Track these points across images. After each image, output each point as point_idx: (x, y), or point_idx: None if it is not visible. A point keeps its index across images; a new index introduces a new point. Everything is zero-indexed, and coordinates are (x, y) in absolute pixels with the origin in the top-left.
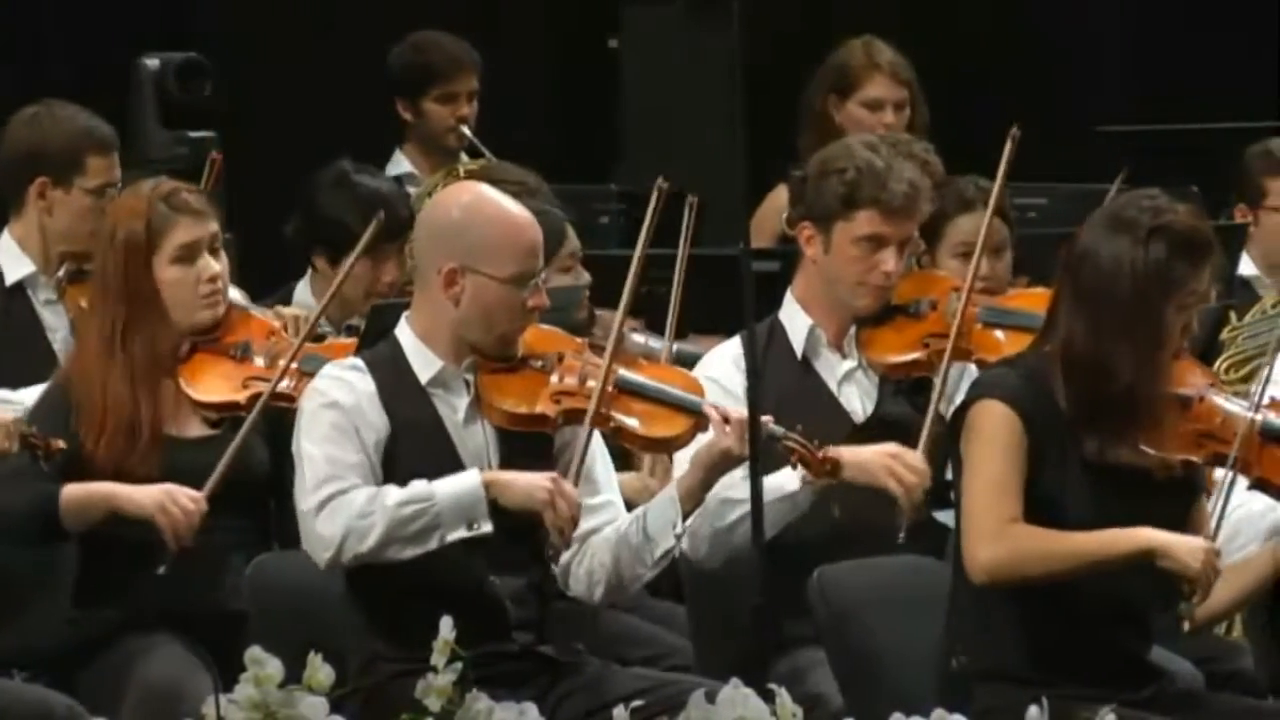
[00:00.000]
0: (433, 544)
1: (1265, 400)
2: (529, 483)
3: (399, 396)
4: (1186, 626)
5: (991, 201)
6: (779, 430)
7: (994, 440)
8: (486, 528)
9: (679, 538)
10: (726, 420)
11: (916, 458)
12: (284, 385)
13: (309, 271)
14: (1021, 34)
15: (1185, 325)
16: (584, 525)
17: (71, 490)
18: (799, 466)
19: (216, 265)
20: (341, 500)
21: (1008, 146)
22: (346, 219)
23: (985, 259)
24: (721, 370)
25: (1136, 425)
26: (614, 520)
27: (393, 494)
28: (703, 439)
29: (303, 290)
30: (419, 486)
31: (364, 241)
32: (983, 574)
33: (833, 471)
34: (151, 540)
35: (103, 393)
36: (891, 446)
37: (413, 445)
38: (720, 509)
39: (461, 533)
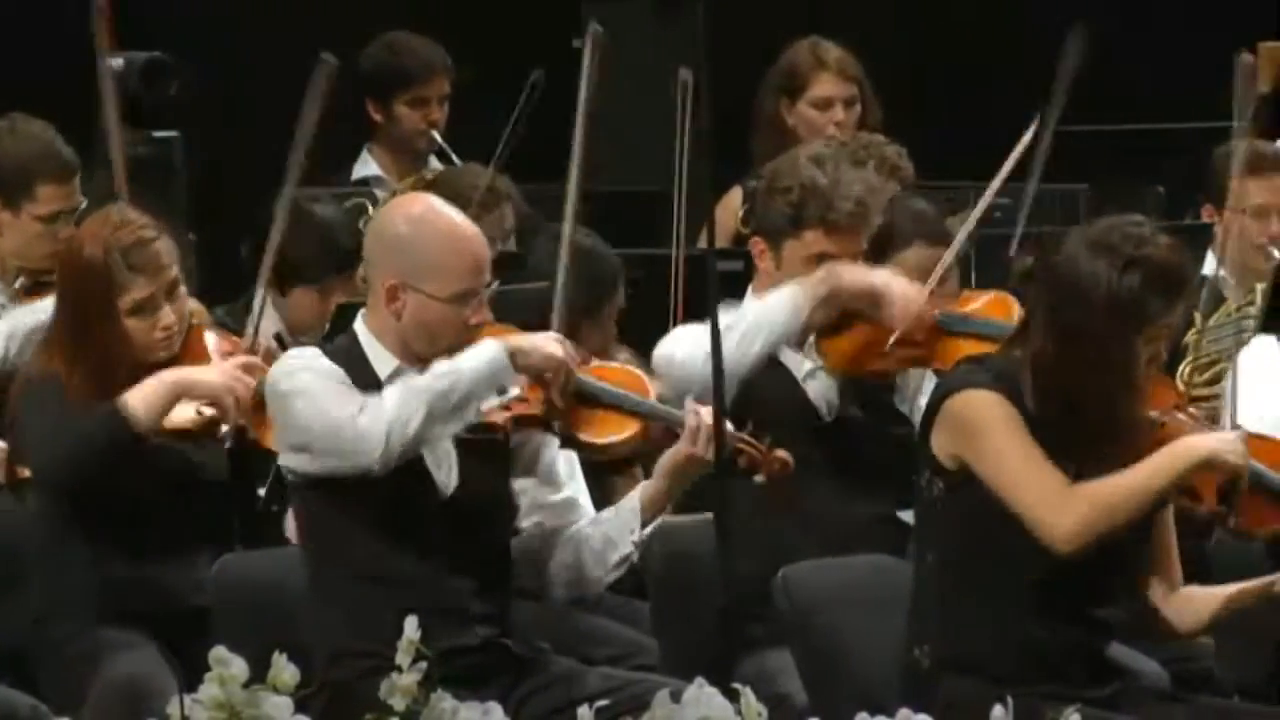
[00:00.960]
0: (470, 415)
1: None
2: (542, 341)
3: (359, 385)
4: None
5: (979, 209)
6: (729, 428)
7: (1002, 424)
8: (515, 390)
9: (637, 545)
10: (695, 428)
11: (906, 281)
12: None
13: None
14: (988, 32)
15: (1153, 356)
16: (547, 523)
17: (132, 392)
18: (748, 468)
19: (172, 315)
20: (374, 400)
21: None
22: (293, 250)
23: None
24: (689, 352)
25: (1102, 449)
26: (578, 519)
27: (420, 378)
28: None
29: (269, 308)
30: (443, 364)
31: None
32: (1070, 542)
33: (783, 469)
34: (121, 536)
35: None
36: (885, 272)
37: None
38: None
39: (493, 400)
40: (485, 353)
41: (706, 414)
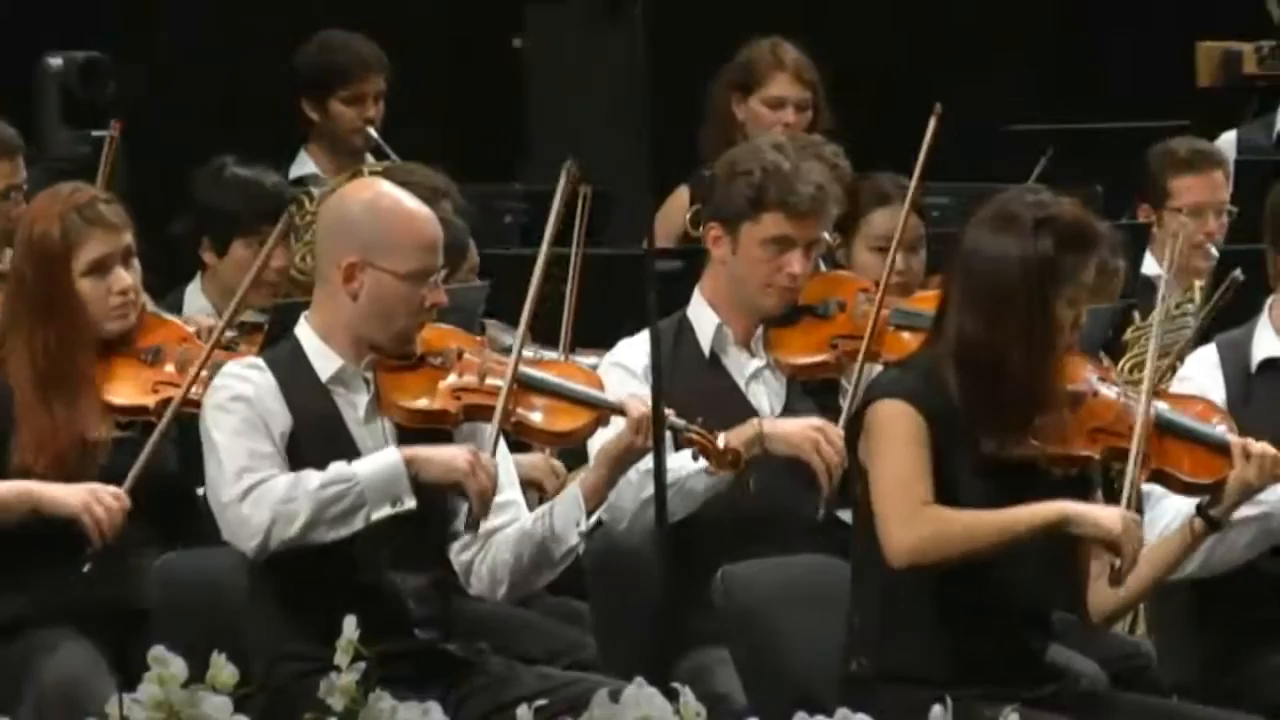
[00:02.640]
0: (358, 523)
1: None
2: (448, 455)
3: (300, 394)
4: (1122, 592)
5: (909, 197)
6: (680, 422)
7: (896, 435)
8: (410, 503)
9: (583, 535)
10: (636, 418)
11: (839, 434)
12: (195, 392)
13: (198, 273)
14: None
15: (1075, 319)
16: (487, 524)
17: None
18: (700, 458)
19: (129, 278)
20: (264, 488)
21: (930, 128)
22: (228, 206)
23: (901, 254)
24: (632, 359)
25: (1030, 420)
26: (517, 519)
27: (314, 477)
28: (604, 434)
29: (193, 292)
30: (339, 468)
31: (276, 235)
32: (905, 556)
33: (734, 463)
34: (58, 536)
35: (37, 409)
36: (816, 420)
37: (314, 442)
38: (643, 480)
39: (386, 510)
40: (383, 461)
41: (627, 405)
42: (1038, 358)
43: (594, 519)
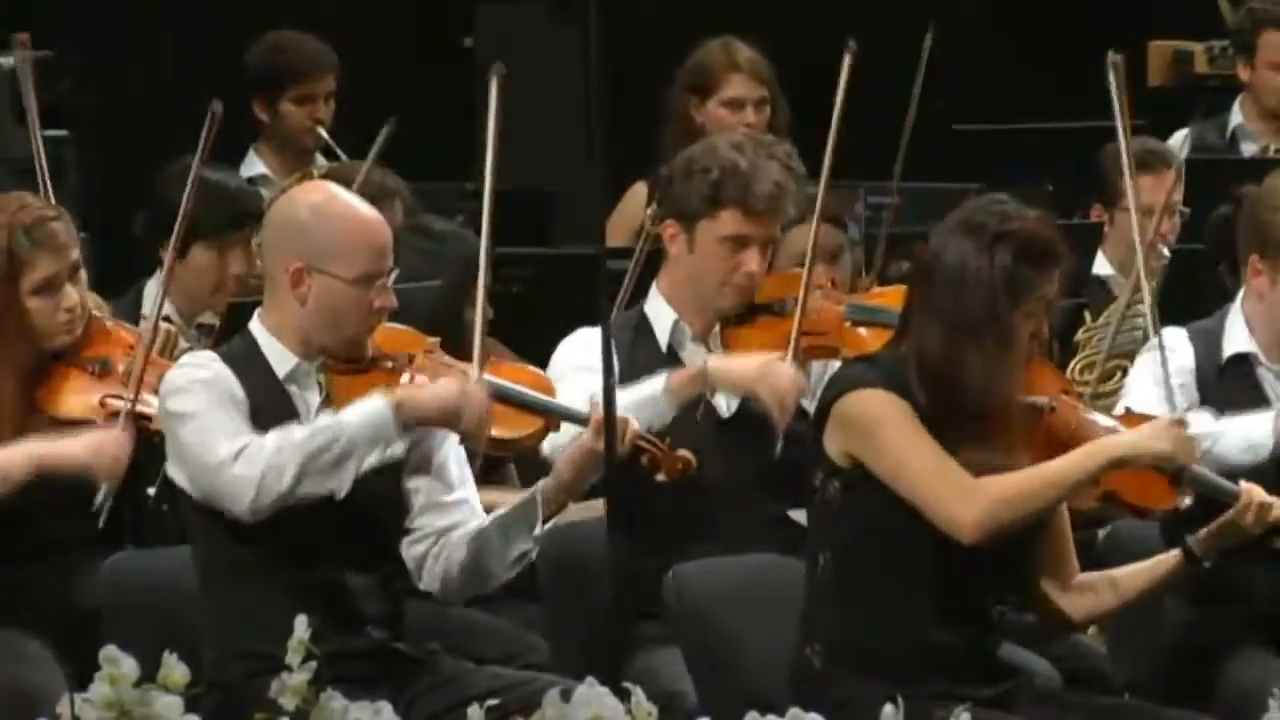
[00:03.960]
0: (349, 472)
1: (1119, 410)
2: (437, 390)
3: (256, 389)
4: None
5: (818, 209)
6: (632, 429)
7: (899, 420)
8: (400, 448)
9: (537, 540)
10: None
11: (787, 366)
12: (147, 408)
13: (158, 269)
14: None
15: (1034, 331)
16: (439, 522)
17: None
18: (649, 467)
19: (76, 295)
20: (253, 447)
21: (846, 65)
22: (190, 207)
23: (823, 266)
24: (595, 356)
25: (986, 431)
26: (468, 519)
27: (300, 430)
28: (556, 438)
29: (153, 286)
30: (326, 418)
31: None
32: (976, 531)
33: (684, 470)
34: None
35: None
36: (762, 356)
37: None
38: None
39: (375, 457)
40: (369, 408)
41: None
42: (993, 369)
43: (549, 524)
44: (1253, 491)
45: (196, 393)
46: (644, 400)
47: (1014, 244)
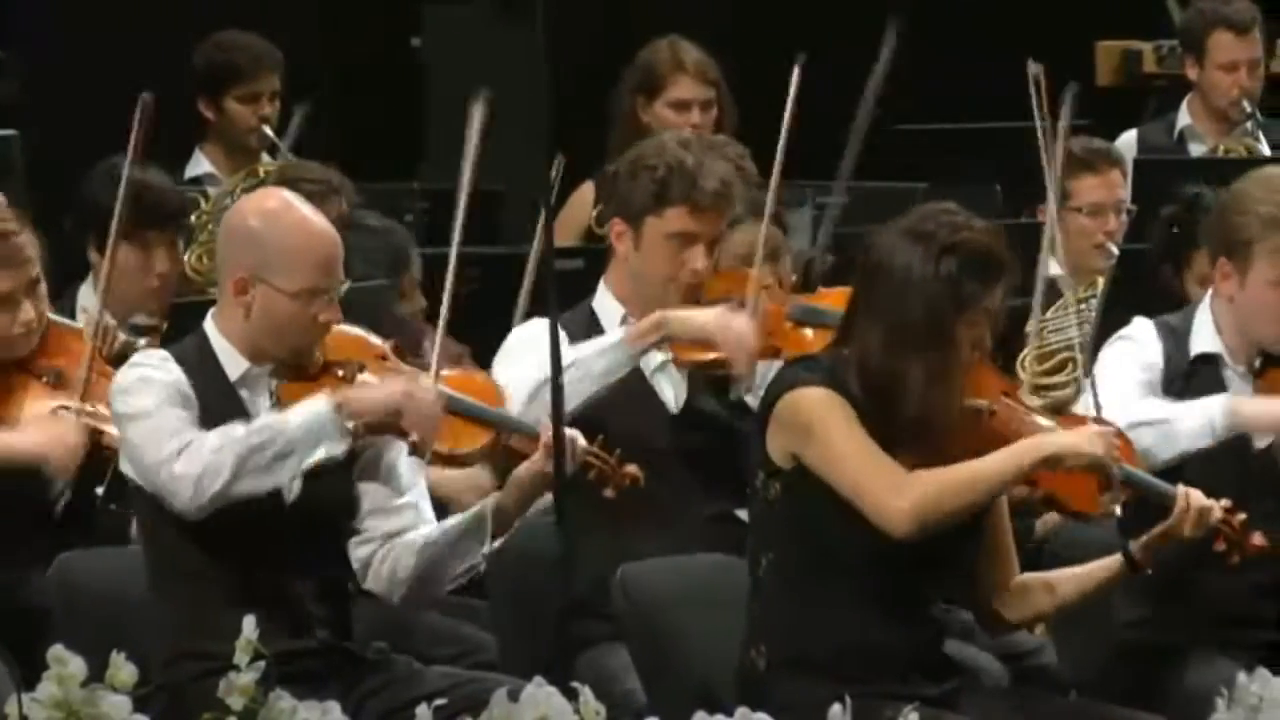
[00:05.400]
0: (289, 470)
1: (1081, 408)
2: (379, 392)
3: (207, 390)
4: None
5: (767, 212)
6: (582, 444)
7: (837, 418)
8: (341, 448)
9: (485, 556)
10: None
11: (745, 320)
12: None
13: (90, 272)
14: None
15: (976, 341)
16: (386, 525)
17: None
18: (598, 482)
19: (32, 311)
20: (195, 442)
21: (794, 80)
22: (111, 206)
23: (765, 266)
24: (537, 336)
25: (925, 439)
26: (416, 524)
27: (241, 427)
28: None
29: (86, 291)
30: (267, 417)
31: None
32: (906, 523)
33: (633, 485)
34: None
35: None
36: (721, 308)
37: None
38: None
39: (317, 455)
40: (310, 408)
41: (571, 431)
42: (933, 377)
43: (499, 541)
44: (1190, 495)
45: (145, 393)
46: (602, 349)
47: (961, 255)
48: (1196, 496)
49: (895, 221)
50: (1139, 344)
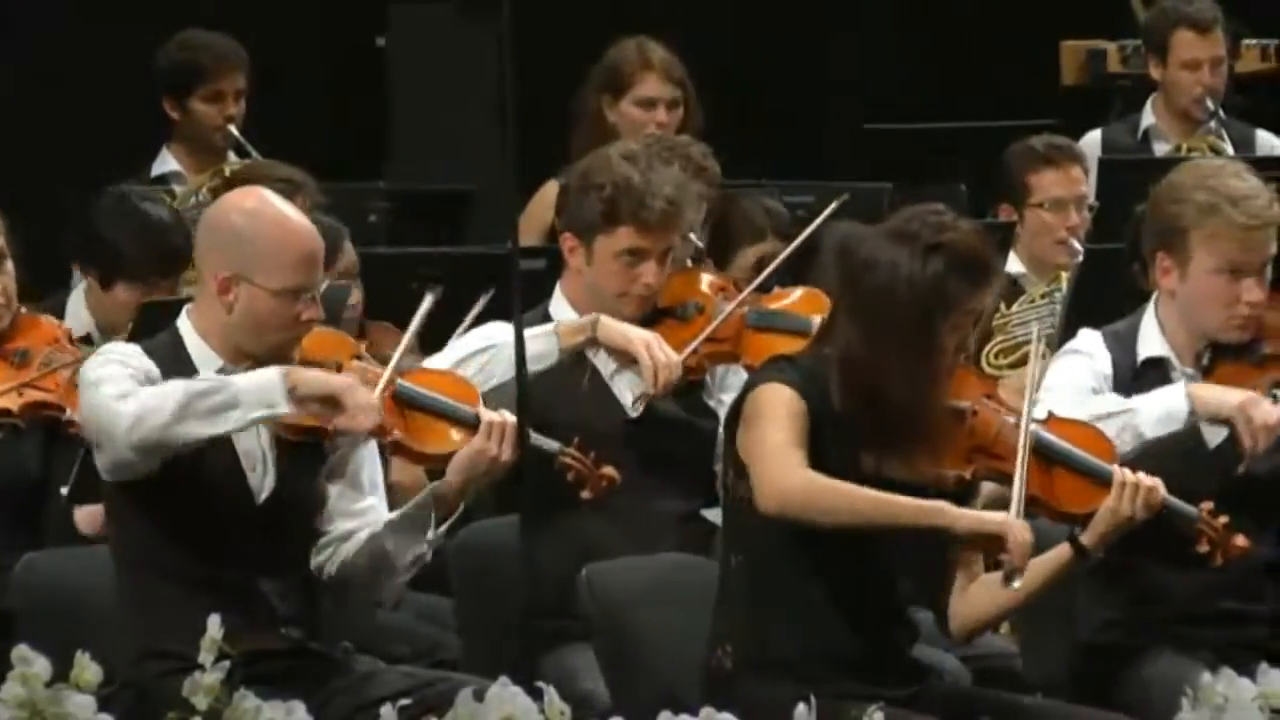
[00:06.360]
0: (231, 422)
1: (1041, 414)
2: (327, 378)
3: None
4: (1015, 586)
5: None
6: (554, 446)
7: (778, 413)
8: (283, 409)
9: (431, 544)
10: (489, 425)
11: (669, 350)
12: (54, 396)
13: (84, 283)
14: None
15: (960, 343)
16: (345, 526)
17: None
18: (575, 484)
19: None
20: (143, 390)
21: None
22: (122, 245)
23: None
24: (495, 332)
25: (907, 441)
26: (373, 524)
27: (185, 377)
28: None
29: (76, 302)
30: (212, 371)
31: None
32: (776, 499)
33: (609, 487)
34: None
35: None
36: (651, 333)
37: None
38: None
39: (260, 413)
40: (260, 372)
41: (505, 413)
42: (918, 380)
43: (444, 527)
44: (1123, 473)
45: (113, 366)
46: (535, 334)
47: (946, 256)
48: (1130, 474)
49: (881, 223)
50: (1088, 355)
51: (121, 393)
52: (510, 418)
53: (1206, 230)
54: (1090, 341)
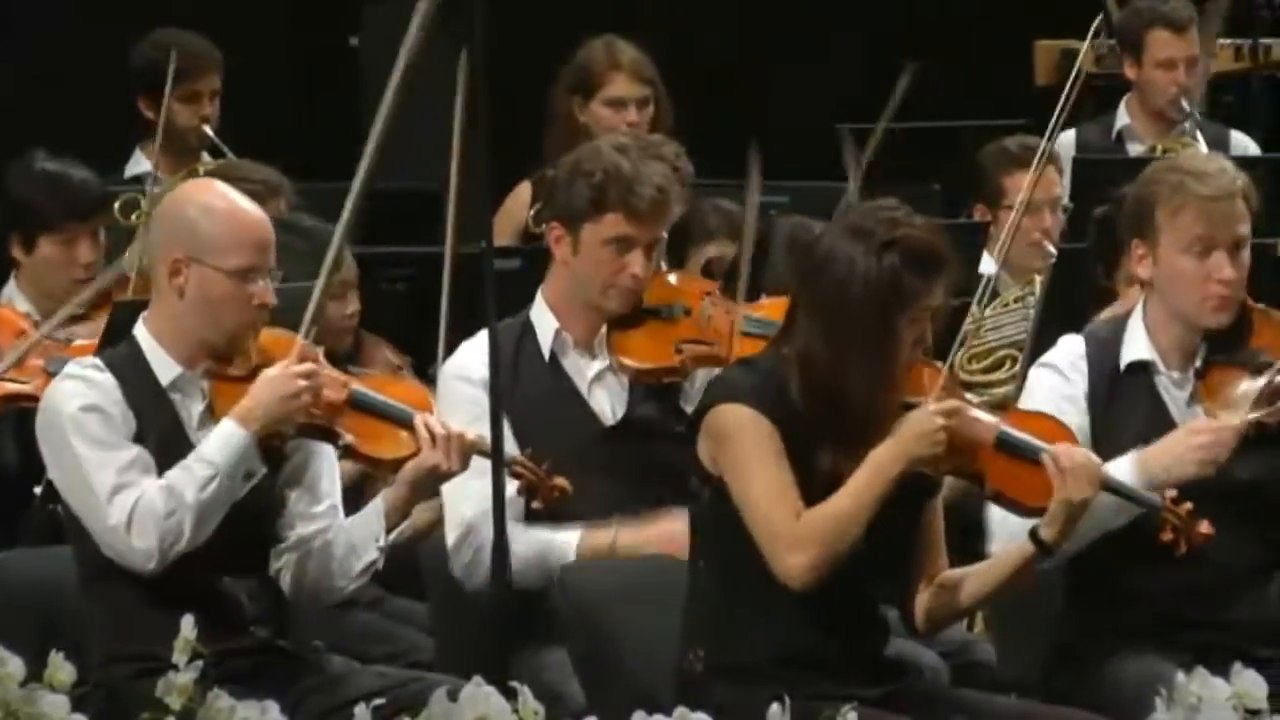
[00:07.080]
0: (231, 501)
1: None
2: (271, 392)
3: (140, 397)
4: (962, 600)
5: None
6: (506, 455)
7: (756, 445)
8: (262, 470)
9: (382, 551)
10: (434, 436)
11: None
12: (29, 387)
13: (13, 271)
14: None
15: (918, 338)
16: (304, 531)
17: None
18: (526, 493)
19: None
20: (143, 507)
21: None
22: (33, 200)
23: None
24: (473, 367)
25: (866, 436)
26: (330, 529)
27: (185, 484)
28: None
29: (12, 291)
30: (199, 466)
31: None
32: (803, 578)
33: (561, 495)
34: None
35: None
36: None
37: (154, 447)
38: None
39: (247, 486)
40: (233, 442)
41: (436, 426)
42: (875, 374)
43: (393, 535)
44: (1054, 452)
45: (86, 426)
46: (553, 544)
47: (901, 251)
48: (1063, 453)
49: (836, 219)
50: (1062, 375)
51: (120, 520)
52: (457, 429)
53: (1172, 205)
54: (1068, 354)
